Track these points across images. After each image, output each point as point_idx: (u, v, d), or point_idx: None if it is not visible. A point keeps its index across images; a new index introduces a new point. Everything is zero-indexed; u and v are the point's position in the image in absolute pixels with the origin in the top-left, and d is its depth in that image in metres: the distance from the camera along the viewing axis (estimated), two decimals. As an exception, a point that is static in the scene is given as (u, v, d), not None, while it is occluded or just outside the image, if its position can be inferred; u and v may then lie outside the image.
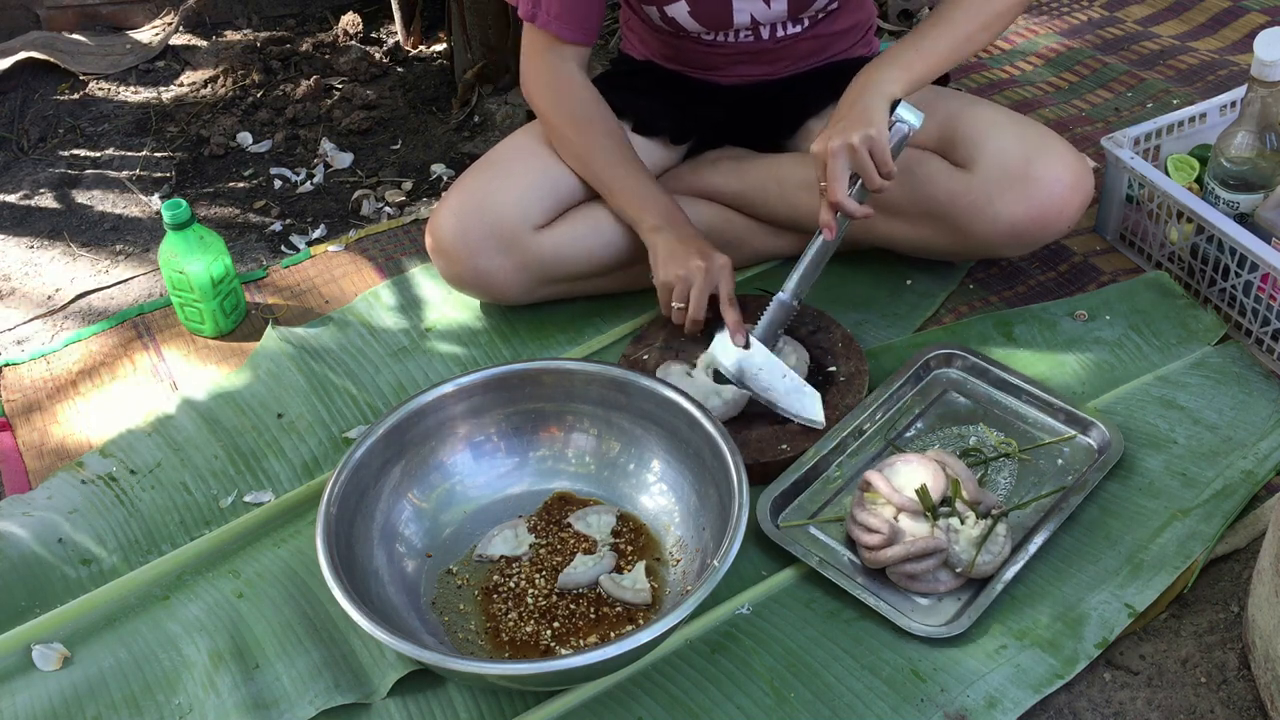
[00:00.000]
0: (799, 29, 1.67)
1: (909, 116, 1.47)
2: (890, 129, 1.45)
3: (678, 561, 1.38)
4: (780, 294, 1.53)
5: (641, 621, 1.32)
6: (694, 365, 1.55)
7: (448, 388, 1.44)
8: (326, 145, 2.25)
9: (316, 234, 2.04)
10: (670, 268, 1.54)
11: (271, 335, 1.73)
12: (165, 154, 2.28)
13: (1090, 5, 2.48)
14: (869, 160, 1.43)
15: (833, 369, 1.57)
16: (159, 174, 2.23)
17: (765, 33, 1.66)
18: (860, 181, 1.45)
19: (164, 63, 2.56)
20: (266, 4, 2.69)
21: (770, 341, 1.53)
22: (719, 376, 1.52)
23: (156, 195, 2.17)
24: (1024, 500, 1.42)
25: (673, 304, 1.55)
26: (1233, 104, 1.82)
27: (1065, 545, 1.38)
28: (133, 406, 1.67)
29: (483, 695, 1.28)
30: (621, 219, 1.63)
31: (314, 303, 1.84)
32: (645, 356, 1.60)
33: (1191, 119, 1.82)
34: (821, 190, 1.47)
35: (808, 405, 1.49)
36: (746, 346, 1.51)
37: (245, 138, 2.29)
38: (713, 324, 1.55)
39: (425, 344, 1.73)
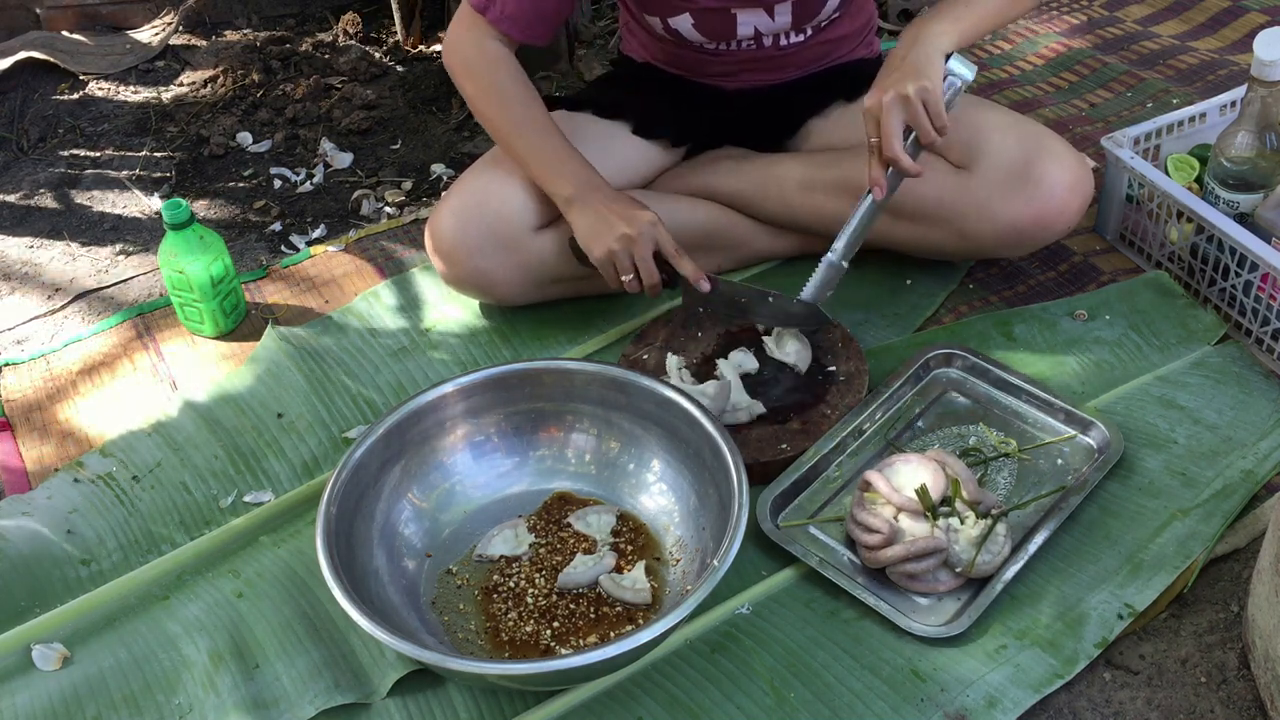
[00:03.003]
0: (802, 38, 1.67)
1: (962, 70, 1.45)
2: (943, 81, 1.43)
3: (678, 561, 1.38)
4: (829, 254, 1.52)
5: (641, 621, 1.32)
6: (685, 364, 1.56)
7: (448, 388, 1.44)
8: (326, 145, 2.25)
9: (316, 234, 2.04)
10: (599, 244, 1.50)
11: (271, 335, 1.73)
12: (165, 154, 2.28)
13: (1090, 5, 2.48)
14: (923, 112, 1.41)
15: (833, 369, 1.57)
16: (159, 174, 2.23)
17: (768, 41, 1.66)
18: (913, 135, 1.43)
19: (164, 63, 2.56)
20: (266, 4, 2.69)
21: (820, 301, 1.53)
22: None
23: (156, 195, 2.17)
24: (1024, 500, 1.42)
25: (621, 278, 1.52)
26: (1233, 104, 1.82)
27: (1065, 545, 1.38)
28: (133, 406, 1.68)
29: (483, 695, 1.28)
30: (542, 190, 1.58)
31: (314, 303, 1.84)
32: (645, 356, 1.60)
33: (1191, 119, 1.82)
34: (872, 147, 1.44)
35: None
36: (712, 289, 1.51)
37: (245, 138, 2.29)
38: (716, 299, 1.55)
39: (425, 344, 1.73)
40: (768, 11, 1.59)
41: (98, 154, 2.30)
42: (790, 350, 1.56)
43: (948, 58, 1.45)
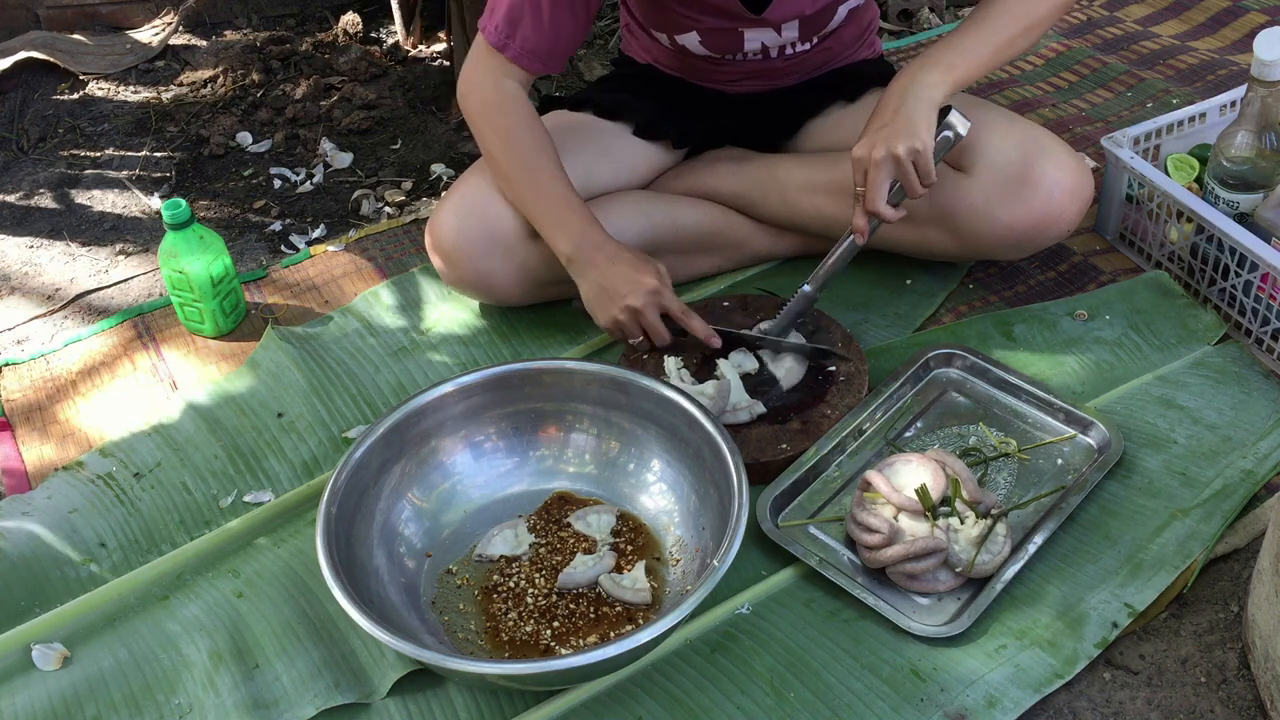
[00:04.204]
0: (808, 47, 1.67)
1: (958, 125, 1.45)
2: (936, 136, 1.44)
3: (678, 561, 1.38)
4: (805, 286, 1.54)
5: (641, 621, 1.32)
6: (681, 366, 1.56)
7: (448, 387, 1.44)
8: (326, 145, 2.25)
9: (316, 234, 2.04)
10: (603, 314, 1.52)
11: (271, 335, 1.73)
12: (165, 154, 2.28)
13: (1090, 5, 2.48)
14: (913, 171, 1.42)
15: (833, 369, 1.57)
16: (159, 174, 2.23)
17: (774, 54, 1.66)
18: (897, 185, 1.45)
19: (164, 62, 2.56)
20: (266, 4, 2.69)
21: (787, 331, 1.55)
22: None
23: (156, 195, 2.17)
24: (1024, 500, 1.42)
25: (630, 341, 1.54)
26: (1232, 104, 1.82)
27: (1065, 545, 1.38)
28: (133, 406, 1.68)
29: (483, 695, 1.28)
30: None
31: (314, 303, 1.84)
32: (645, 356, 1.60)
33: (1191, 119, 1.82)
34: (857, 195, 1.46)
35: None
36: (722, 349, 1.54)
37: (245, 137, 2.29)
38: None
39: (425, 344, 1.73)
40: (774, 28, 1.60)
41: (98, 154, 2.30)
42: (783, 367, 1.56)
43: (946, 110, 1.45)
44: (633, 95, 1.75)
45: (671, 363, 1.55)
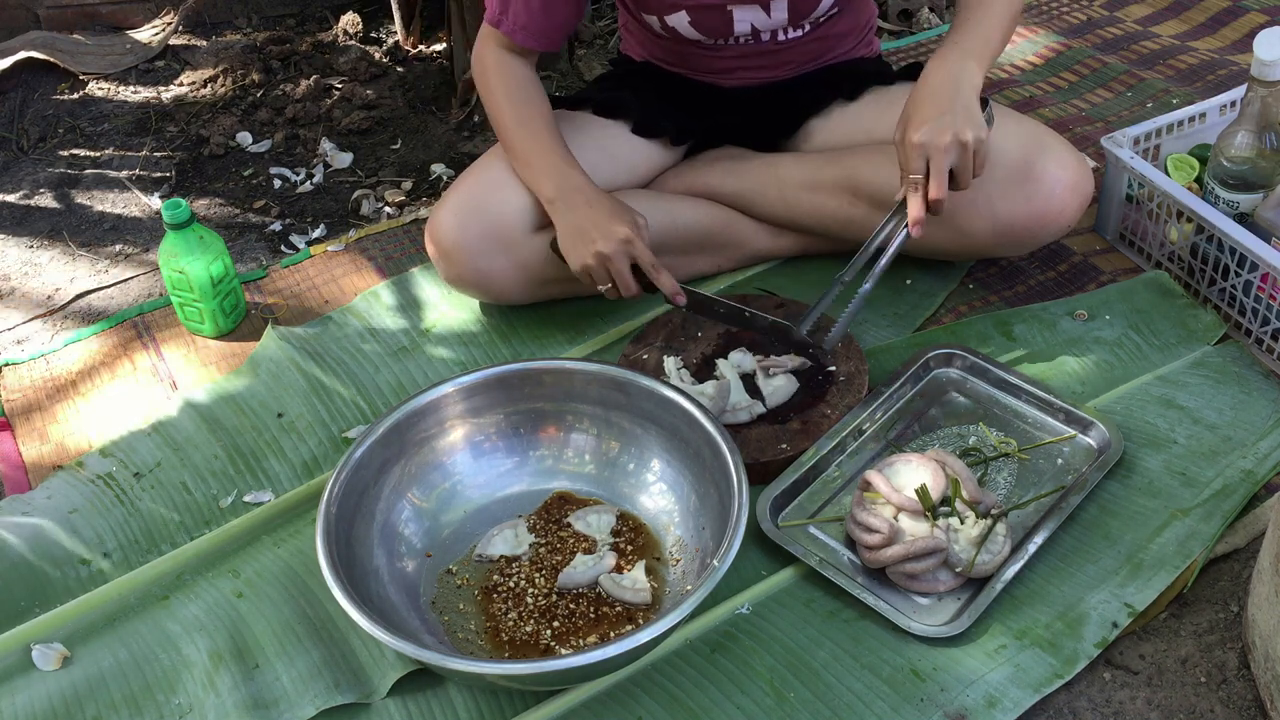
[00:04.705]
0: (800, 33, 1.67)
1: (992, 111, 1.46)
2: None
3: (678, 561, 1.38)
4: (864, 286, 1.49)
5: (641, 621, 1.32)
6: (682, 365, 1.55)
7: (448, 388, 1.44)
8: (326, 145, 2.25)
9: (316, 234, 2.04)
10: (575, 256, 1.52)
11: (271, 335, 1.73)
12: (165, 154, 2.28)
13: (1090, 5, 2.48)
14: (971, 162, 1.41)
15: (833, 369, 1.57)
16: (159, 174, 2.23)
17: (766, 37, 1.66)
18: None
19: (164, 62, 2.56)
20: (266, 4, 2.69)
21: (838, 337, 1.51)
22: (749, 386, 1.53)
23: (156, 195, 2.17)
24: (1024, 500, 1.42)
25: (598, 287, 1.54)
26: (1232, 104, 1.82)
27: (1065, 545, 1.38)
28: (133, 406, 1.68)
29: (483, 695, 1.28)
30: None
31: (314, 303, 1.84)
32: (645, 356, 1.60)
33: (1191, 119, 1.82)
34: (914, 183, 1.42)
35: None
36: (687, 307, 1.52)
37: (245, 137, 2.29)
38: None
39: (425, 344, 1.73)
40: (763, 7, 1.59)
41: (98, 154, 2.30)
42: (773, 385, 1.55)
43: (984, 102, 1.46)
44: (630, 92, 1.75)
45: (671, 363, 1.55)
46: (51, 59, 2.48)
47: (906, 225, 1.46)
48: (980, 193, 1.56)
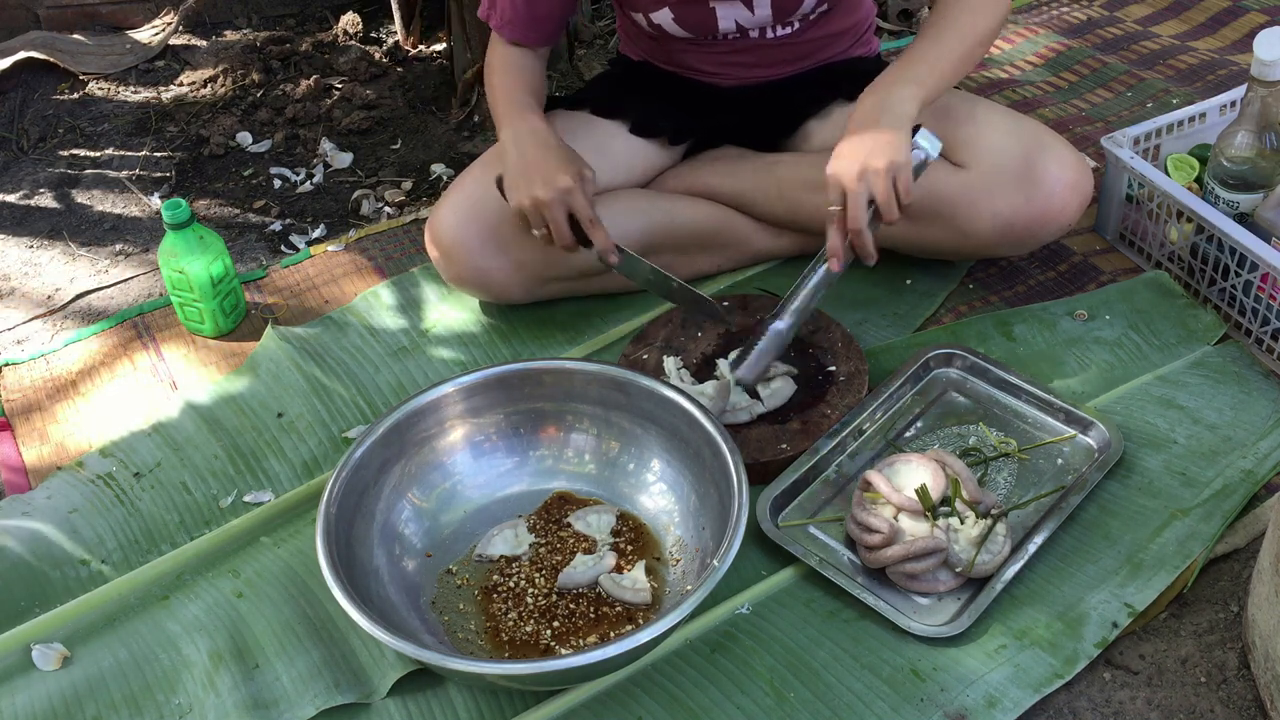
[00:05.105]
0: (789, 31, 1.67)
1: (928, 145, 1.41)
2: None
3: (678, 561, 1.38)
4: (776, 323, 1.48)
5: (641, 621, 1.32)
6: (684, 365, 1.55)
7: (448, 387, 1.44)
8: (326, 145, 2.25)
9: (316, 234, 2.04)
10: (514, 197, 1.51)
11: (271, 335, 1.73)
12: (165, 154, 2.28)
13: (1090, 5, 2.48)
14: (892, 190, 1.37)
15: (833, 369, 1.57)
16: (159, 174, 2.23)
17: (754, 34, 1.66)
18: (872, 208, 1.39)
19: (164, 62, 2.56)
20: (266, 4, 2.69)
21: (763, 373, 1.49)
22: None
23: (156, 195, 2.17)
24: (1024, 500, 1.42)
25: (533, 232, 1.52)
26: (1232, 104, 1.82)
27: (1065, 545, 1.38)
28: (133, 406, 1.68)
29: (483, 695, 1.28)
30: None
31: (314, 303, 1.84)
32: (645, 356, 1.60)
33: (1191, 119, 1.82)
34: (832, 215, 1.40)
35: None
36: (618, 268, 1.51)
37: (245, 137, 2.29)
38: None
39: (425, 344, 1.73)
40: (746, 4, 1.59)
41: (98, 154, 2.30)
42: (772, 387, 1.55)
43: (915, 129, 1.41)
44: (628, 92, 1.75)
45: (671, 363, 1.55)
46: (51, 59, 2.48)
47: (824, 261, 1.43)
48: (980, 191, 1.56)
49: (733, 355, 1.55)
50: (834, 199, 1.40)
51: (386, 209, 2.08)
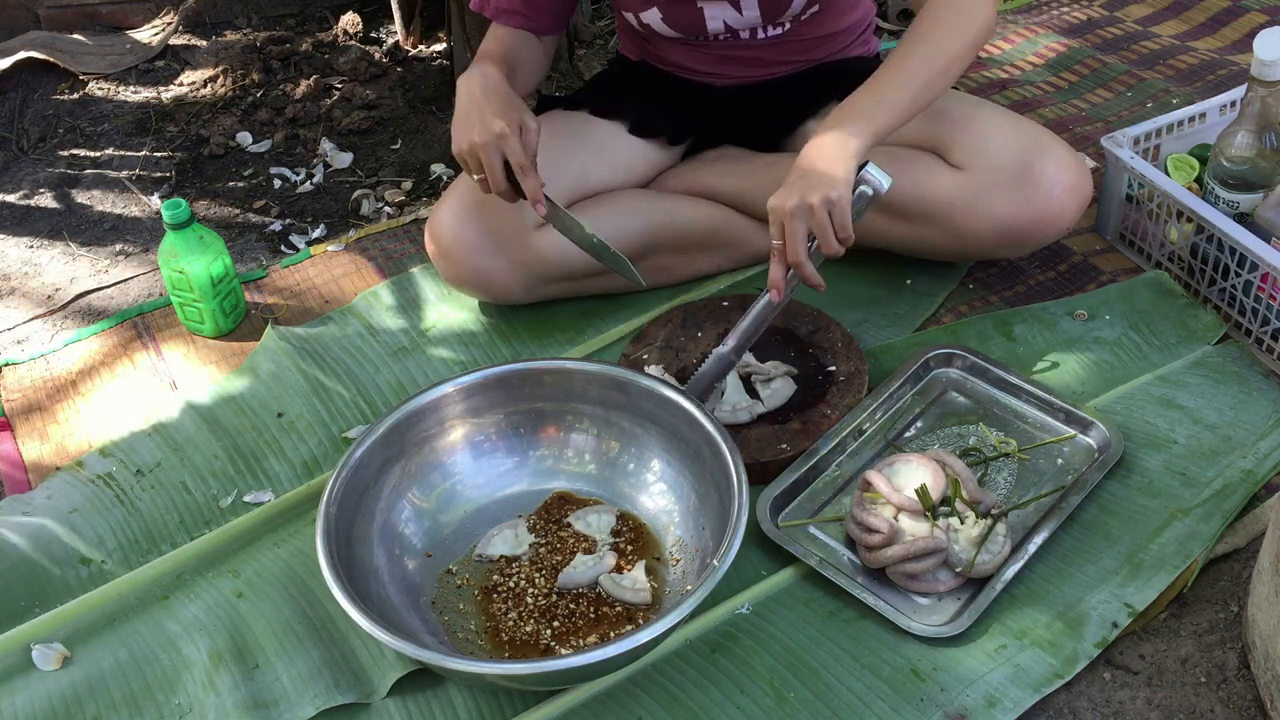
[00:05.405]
0: (780, 31, 1.67)
1: (877, 178, 1.40)
2: (855, 190, 1.38)
3: (678, 561, 1.38)
4: (720, 348, 1.47)
5: (641, 621, 1.32)
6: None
7: (447, 387, 1.44)
8: (326, 145, 2.25)
9: (316, 234, 2.04)
10: (455, 140, 1.50)
11: (271, 335, 1.73)
12: (165, 154, 2.28)
13: (1090, 5, 2.48)
14: (829, 224, 1.35)
15: (833, 369, 1.57)
16: (159, 174, 2.23)
17: (745, 35, 1.66)
18: (816, 243, 1.39)
19: (164, 62, 2.56)
20: (266, 4, 2.69)
21: (704, 395, 1.47)
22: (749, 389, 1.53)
23: (156, 195, 2.17)
24: (1024, 500, 1.42)
25: (472, 176, 1.52)
26: (1232, 104, 1.82)
27: (1065, 545, 1.38)
28: (133, 406, 1.68)
29: (483, 695, 1.28)
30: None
31: (314, 303, 1.84)
32: (645, 356, 1.60)
33: (1191, 119, 1.82)
34: (775, 248, 1.40)
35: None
36: (546, 218, 1.51)
37: (245, 137, 2.29)
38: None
39: (425, 344, 1.73)
40: (733, 5, 1.59)
41: (98, 154, 2.30)
42: (771, 387, 1.55)
43: (864, 164, 1.40)
44: (627, 92, 1.75)
45: (655, 371, 1.53)
46: (51, 59, 2.48)
47: (766, 291, 1.42)
48: (979, 194, 1.56)
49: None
50: (774, 232, 1.38)
51: (386, 209, 2.08)
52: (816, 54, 1.73)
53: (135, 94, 2.47)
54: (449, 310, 1.78)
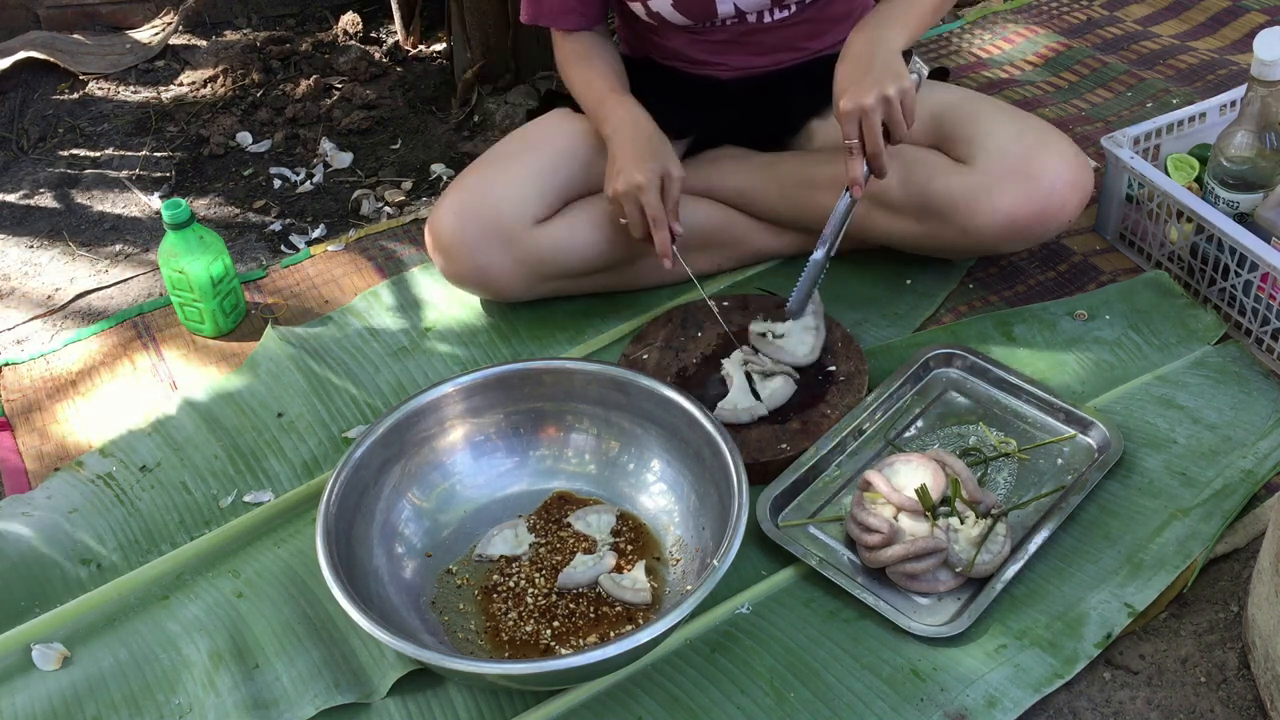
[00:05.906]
0: (786, 14, 1.67)
1: (919, 64, 1.54)
2: None
3: (678, 561, 1.38)
4: (815, 254, 1.56)
5: (641, 621, 1.32)
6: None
7: (448, 387, 1.44)
8: (326, 145, 2.25)
9: (316, 234, 2.04)
10: (613, 183, 1.55)
11: (271, 335, 1.73)
12: (165, 154, 2.28)
13: (1090, 5, 2.48)
14: (900, 112, 1.46)
15: (833, 369, 1.57)
16: (159, 174, 2.23)
17: (752, 19, 1.66)
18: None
19: (164, 62, 2.56)
20: (266, 4, 2.69)
21: (805, 301, 1.58)
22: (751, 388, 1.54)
23: (156, 195, 2.17)
24: (1024, 500, 1.42)
25: (621, 220, 1.57)
26: (1232, 104, 1.82)
27: (1065, 545, 1.38)
28: (133, 406, 1.68)
29: (483, 695, 1.28)
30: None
31: (314, 302, 1.84)
32: (645, 356, 1.60)
33: (1191, 118, 1.82)
34: (852, 148, 1.49)
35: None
36: (671, 269, 1.55)
37: (245, 137, 2.29)
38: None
39: (425, 344, 1.73)
40: None
41: (98, 154, 2.30)
42: (771, 387, 1.55)
43: (907, 56, 1.51)
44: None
45: (737, 356, 1.57)
46: (51, 59, 2.48)
47: (848, 190, 1.51)
48: (981, 188, 1.56)
49: (735, 354, 1.56)
50: (850, 131, 1.48)
51: (386, 209, 2.08)
52: (819, 43, 1.73)
53: (135, 94, 2.47)
54: (449, 310, 1.78)
